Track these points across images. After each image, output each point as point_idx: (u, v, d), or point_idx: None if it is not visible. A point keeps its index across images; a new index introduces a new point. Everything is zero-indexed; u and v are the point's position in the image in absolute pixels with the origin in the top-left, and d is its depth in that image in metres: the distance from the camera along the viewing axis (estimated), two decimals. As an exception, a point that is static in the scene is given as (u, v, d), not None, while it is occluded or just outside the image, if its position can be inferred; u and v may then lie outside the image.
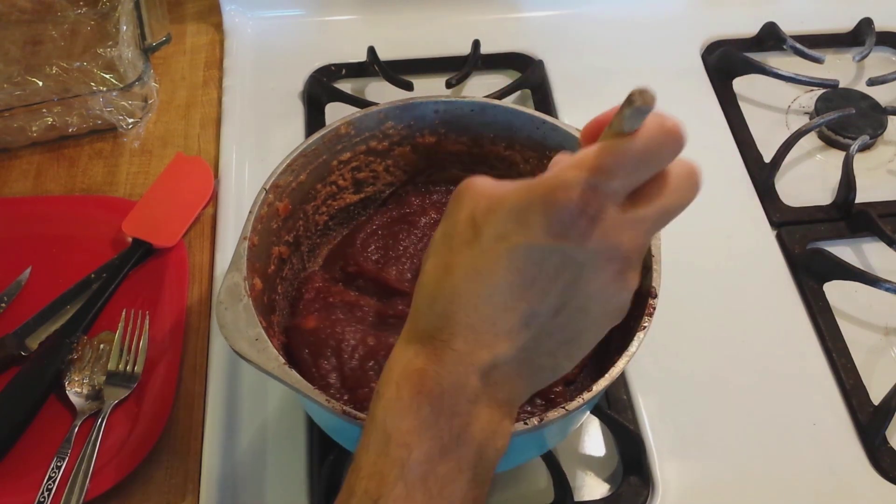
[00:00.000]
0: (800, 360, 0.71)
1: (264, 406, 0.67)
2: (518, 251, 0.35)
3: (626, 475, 0.64)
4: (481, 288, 0.36)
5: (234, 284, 0.53)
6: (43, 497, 0.60)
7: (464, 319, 0.36)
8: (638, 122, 0.35)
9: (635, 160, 0.35)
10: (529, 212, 0.35)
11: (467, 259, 0.36)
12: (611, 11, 0.99)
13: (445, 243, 0.38)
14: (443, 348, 0.36)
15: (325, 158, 0.64)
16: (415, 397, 0.36)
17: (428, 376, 0.36)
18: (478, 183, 0.38)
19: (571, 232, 0.34)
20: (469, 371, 0.36)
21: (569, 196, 0.34)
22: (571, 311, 0.37)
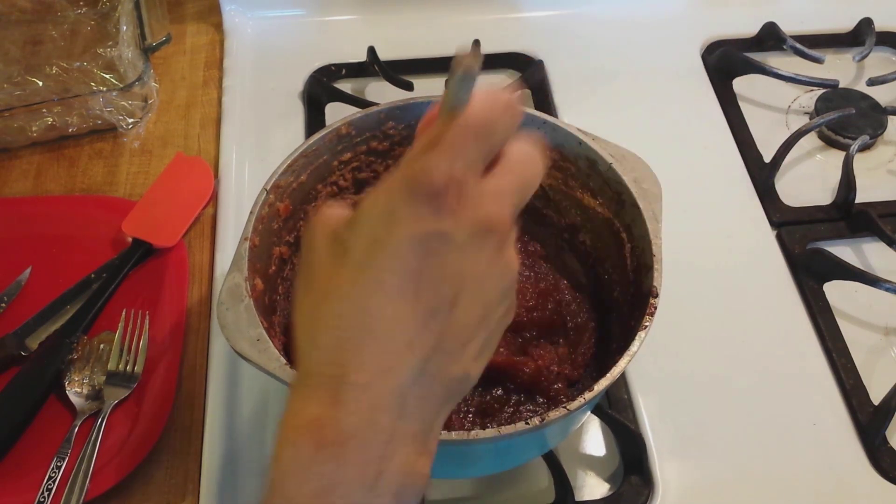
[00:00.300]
0: (800, 360, 0.71)
1: (264, 406, 0.67)
2: (396, 247, 0.32)
3: (626, 475, 0.64)
4: (369, 300, 0.32)
5: (236, 285, 0.53)
6: (43, 497, 0.60)
7: (357, 344, 0.32)
8: (467, 91, 0.34)
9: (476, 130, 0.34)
10: (394, 205, 0.33)
11: (343, 277, 0.33)
12: (611, 11, 0.99)
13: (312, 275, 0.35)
14: (339, 386, 0.32)
15: (325, 159, 0.64)
16: (316, 453, 0.31)
17: (326, 424, 0.31)
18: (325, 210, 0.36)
19: (442, 211, 0.33)
20: (375, 405, 0.32)
21: (428, 178, 0.33)
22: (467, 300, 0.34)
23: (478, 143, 0.34)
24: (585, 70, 0.93)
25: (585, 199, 0.64)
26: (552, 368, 0.60)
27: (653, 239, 0.56)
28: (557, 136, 0.63)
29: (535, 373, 0.59)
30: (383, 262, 0.32)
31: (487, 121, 0.34)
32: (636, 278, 0.58)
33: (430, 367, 0.33)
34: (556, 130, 0.63)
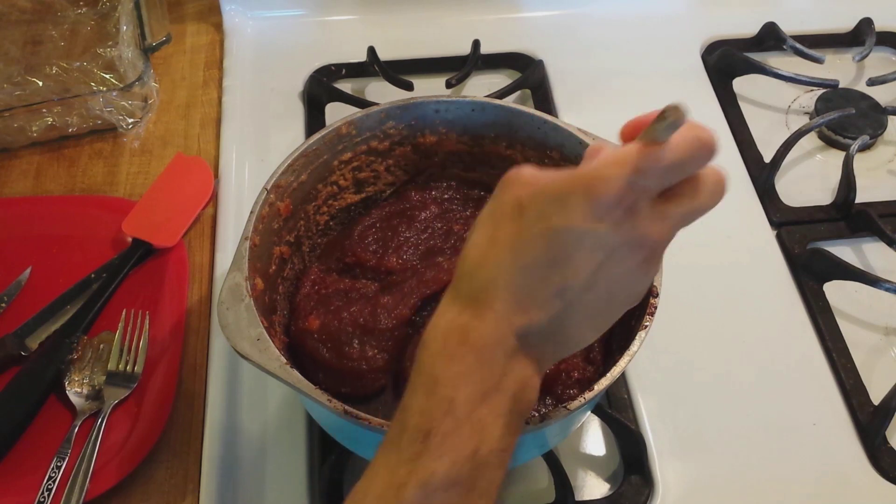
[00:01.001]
0: (800, 360, 0.71)
1: (264, 406, 0.67)
2: (558, 231, 0.39)
3: (626, 474, 0.64)
4: (522, 260, 0.39)
5: (236, 284, 0.53)
6: (43, 497, 0.60)
7: (504, 286, 0.40)
8: (670, 133, 0.38)
9: (668, 166, 0.39)
10: (571, 198, 0.38)
11: (512, 234, 0.40)
12: (611, 11, 0.99)
13: (491, 219, 0.41)
14: (485, 308, 0.40)
15: (326, 158, 0.64)
16: (459, 347, 0.39)
17: (472, 330, 0.40)
18: (525, 171, 0.41)
19: (607, 219, 0.38)
20: (507, 329, 0.40)
21: (608, 188, 0.38)
22: (600, 289, 0.40)
23: (663, 174, 0.39)
24: (585, 70, 0.93)
25: (586, 198, 0.64)
26: (572, 374, 0.60)
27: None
28: (558, 136, 0.63)
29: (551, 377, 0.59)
30: (543, 237, 0.39)
31: (680, 160, 0.39)
32: (636, 278, 0.58)
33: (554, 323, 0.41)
34: (557, 130, 0.63)
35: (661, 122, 0.38)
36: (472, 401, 0.39)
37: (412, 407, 0.40)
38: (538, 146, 0.65)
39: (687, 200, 0.41)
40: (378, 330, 0.59)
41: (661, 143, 0.38)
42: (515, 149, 0.66)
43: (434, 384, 0.39)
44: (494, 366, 0.39)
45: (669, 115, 0.37)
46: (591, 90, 0.91)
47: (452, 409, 0.38)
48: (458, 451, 0.38)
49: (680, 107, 0.37)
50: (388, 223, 0.67)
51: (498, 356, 0.40)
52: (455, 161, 0.69)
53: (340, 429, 0.58)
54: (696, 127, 0.39)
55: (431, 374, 0.40)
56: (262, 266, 0.58)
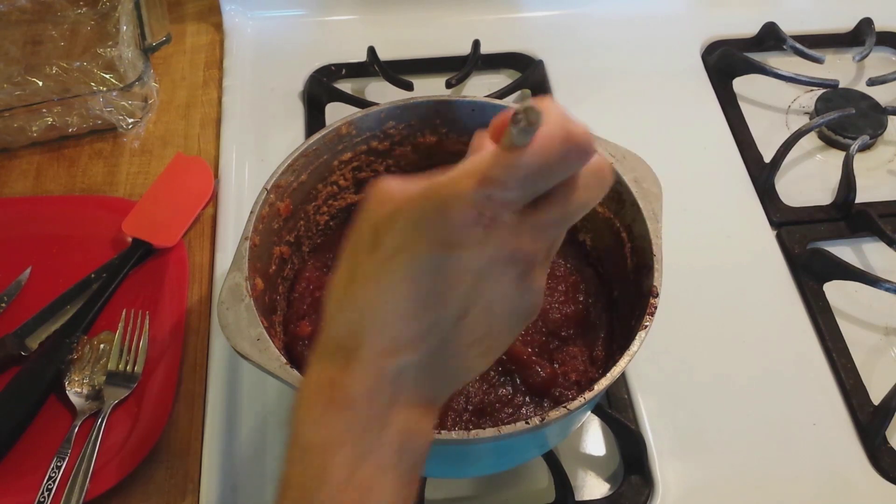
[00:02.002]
0: (800, 360, 0.71)
1: (264, 406, 0.67)
2: (415, 262, 0.35)
3: (626, 474, 0.64)
4: (382, 298, 0.36)
5: (236, 284, 0.53)
6: (43, 497, 0.60)
7: (368, 329, 0.36)
8: (528, 136, 0.33)
9: (529, 173, 0.34)
10: (425, 222, 0.34)
11: (369, 268, 0.36)
12: (611, 11, 0.99)
13: (352, 250, 0.38)
14: (350, 358, 0.36)
15: (326, 158, 0.64)
16: (327, 408, 0.36)
17: (338, 386, 0.36)
18: (383, 186, 0.37)
19: (466, 241, 0.34)
20: (378, 377, 0.36)
21: (462, 206, 0.34)
22: (476, 315, 0.37)
23: (524, 183, 0.34)
24: (585, 70, 0.93)
25: (586, 198, 0.64)
26: (570, 376, 0.60)
27: (653, 239, 0.56)
28: (557, 136, 0.63)
29: (548, 378, 0.59)
30: (400, 269, 0.35)
31: (546, 165, 0.34)
32: (636, 278, 0.58)
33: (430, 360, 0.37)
34: (557, 130, 0.63)
35: (515, 126, 0.33)
36: (349, 464, 0.35)
37: (289, 481, 0.37)
38: (538, 146, 0.65)
39: (558, 205, 0.36)
40: None
41: (520, 148, 0.33)
42: (515, 149, 0.66)
43: (305, 453, 0.36)
44: (371, 420, 0.36)
45: (521, 119, 0.32)
46: (591, 90, 0.91)
47: (327, 478, 0.35)
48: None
49: (534, 107, 0.32)
50: None
51: (373, 410, 0.36)
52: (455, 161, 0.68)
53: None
54: (564, 124, 0.34)
55: (301, 443, 0.37)
56: (262, 266, 0.58)
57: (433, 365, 0.37)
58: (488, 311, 0.37)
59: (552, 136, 0.33)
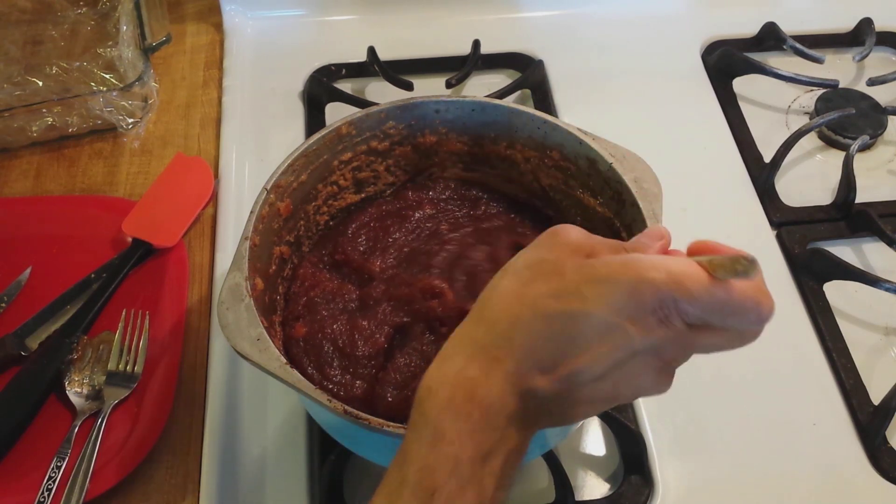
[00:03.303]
0: (800, 360, 0.71)
1: (264, 406, 0.67)
2: (591, 316, 0.38)
3: (626, 474, 0.64)
4: (546, 330, 0.39)
5: (236, 284, 0.53)
6: (43, 497, 0.60)
7: (521, 347, 0.39)
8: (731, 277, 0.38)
9: (718, 309, 0.39)
10: (614, 288, 0.38)
11: (542, 298, 0.39)
12: (611, 11, 0.99)
13: (526, 272, 0.41)
14: (495, 364, 0.39)
15: (326, 158, 0.64)
16: (466, 403, 0.39)
17: (480, 387, 0.39)
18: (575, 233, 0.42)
19: (640, 323, 0.38)
20: (513, 391, 0.39)
21: (653, 294, 0.38)
22: (609, 382, 0.40)
23: (707, 311, 0.39)
24: (585, 70, 0.93)
25: (585, 198, 0.64)
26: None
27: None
28: (558, 136, 0.63)
29: None
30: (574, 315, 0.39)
31: (732, 310, 0.39)
32: (636, 278, 0.58)
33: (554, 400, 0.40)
34: (557, 130, 0.63)
35: (732, 266, 0.38)
36: (476, 461, 0.38)
37: (415, 458, 0.39)
38: (538, 146, 0.65)
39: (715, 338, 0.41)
40: (355, 356, 0.58)
41: (721, 281, 0.38)
42: (515, 149, 0.66)
43: (439, 439, 0.38)
44: (496, 427, 0.39)
45: (742, 265, 0.37)
46: (591, 90, 0.91)
47: (458, 469, 0.38)
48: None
49: (756, 263, 0.37)
50: (382, 223, 0.67)
51: (500, 418, 0.39)
52: (455, 161, 0.69)
53: (340, 429, 0.58)
54: (762, 290, 0.39)
55: (437, 428, 0.39)
56: (262, 266, 0.58)
57: (553, 404, 0.40)
58: (618, 385, 0.40)
59: (753, 294, 0.39)
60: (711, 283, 0.38)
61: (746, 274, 0.37)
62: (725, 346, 0.41)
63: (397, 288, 0.61)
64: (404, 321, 0.59)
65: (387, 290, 0.61)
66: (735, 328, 0.40)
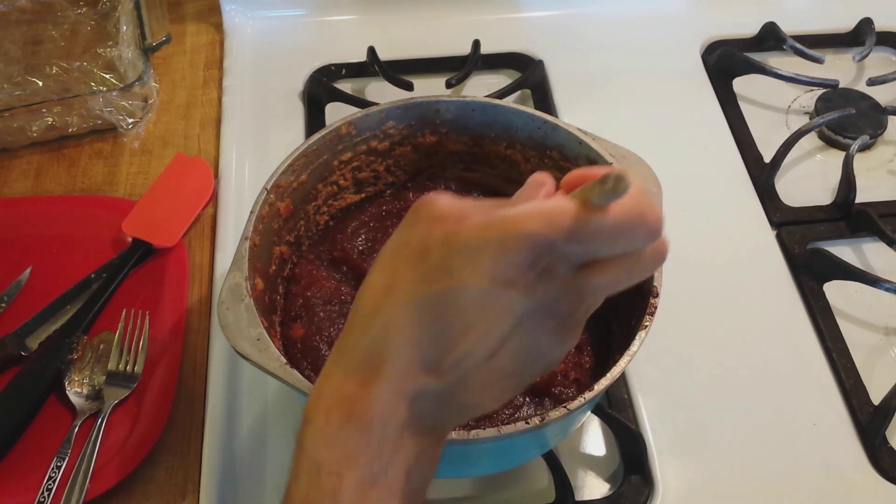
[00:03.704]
0: (800, 361, 0.71)
1: (264, 406, 0.67)
2: (462, 290, 0.34)
3: (626, 474, 0.64)
4: (420, 320, 0.35)
5: (236, 284, 0.53)
6: (43, 497, 0.60)
7: (397, 347, 0.35)
8: (609, 200, 0.34)
9: (601, 236, 0.34)
10: (481, 253, 0.34)
11: (410, 285, 0.35)
12: (611, 11, 0.99)
13: (392, 260, 0.37)
14: (373, 373, 0.36)
15: (326, 158, 0.64)
16: (344, 425, 0.36)
17: (358, 402, 0.36)
18: (439, 203, 0.36)
19: (518, 282, 0.34)
20: (398, 399, 0.36)
21: (525, 247, 0.34)
22: (504, 357, 0.36)
23: (592, 244, 0.35)
24: (585, 70, 0.93)
25: (586, 198, 0.64)
26: (569, 374, 0.60)
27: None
28: (557, 136, 0.63)
29: (548, 377, 0.59)
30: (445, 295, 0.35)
31: (615, 232, 0.34)
32: (636, 278, 0.58)
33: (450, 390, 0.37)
34: (557, 130, 0.63)
35: (601, 186, 0.33)
36: (361, 487, 0.35)
37: (295, 497, 0.36)
38: (538, 146, 0.65)
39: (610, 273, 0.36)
40: None
41: (597, 207, 0.34)
42: (515, 149, 0.66)
43: (316, 472, 0.35)
44: (384, 443, 0.36)
45: (610, 183, 0.33)
46: (591, 90, 0.91)
47: (339, 499, 0.35)
48: None
49: (626, 177, 0.33)
50: (382, 223, 0.67)
51: (388, 432, 0.36)
52: (455, 161, 0.69)
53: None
54: (642, 201, 0.34)
55: (314, 459, 0.36)
56: (262, 266, 0.58)
57: (451, 396, 0.37)
58: (516, 357, 0.37)
59: (632, 207, 0.34)
60: (584, 211, 0.34)
61: (619, 191, 0.33)
62: (625, 279, 0.37)
63: None
64: None
65: None
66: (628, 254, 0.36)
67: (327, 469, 0.35)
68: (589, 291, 0.36)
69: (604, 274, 0.36)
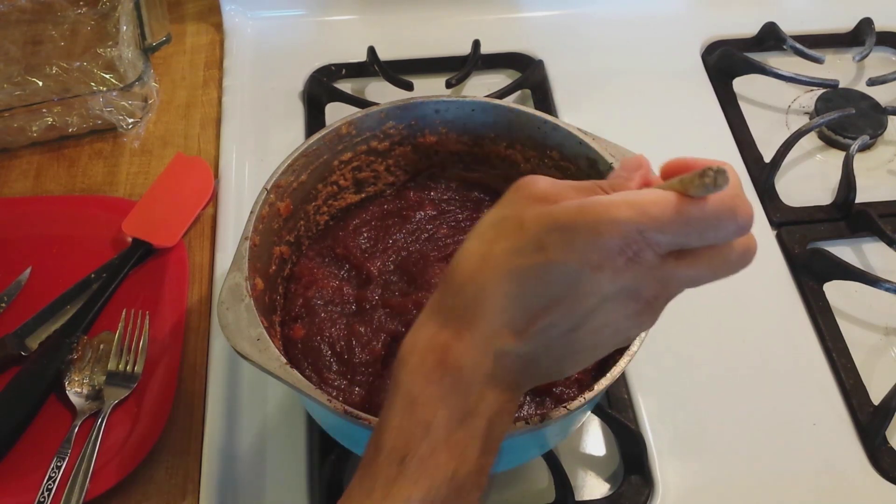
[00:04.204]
0: (800, 360, 0.71)
1: (264, 406, 0.67)
2: (555, 266, 0.37)
3: (626, 474, 0.64)
4: (513, 287, 0.38)
5: (236, 284, 0.53)
6: (43, 497, 0.60)
7: (490, 308, 0.38)
8: (706, 193, 0.35)
9: (691, 228, 0.36)
10: (575, 234, 0.36)
11: (506, 256, 0.38)
12: (611, 11, 0.99)
13: (491, 231, 0.40)
14: (465, 328, 0.39)
15: (326, 158, 0.64)
16: (437, 368, 0.39)
17: (451, 350, 0.39)
18: (539, 184, 0.39)
19: (607, 266, 0.36)
20: (486, 353, 0.39)
21: (616, 233, 0.36)
22: (585, 331, 0.39)
23: (681, 234, 0.36)
24: (585, 70, 0.93)
25: (585, 198, 0.64)
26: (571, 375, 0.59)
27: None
28: (558, 136, 0.63)
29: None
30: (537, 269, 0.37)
31: (708, 226, 0.36)
32: (636, 278, 0.58)
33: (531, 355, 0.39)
34: (557, 130, 0.63)
35: (701, 180, 0.35)
36: (450, 424, 0.38)
37: (388, 426, 0.39)
38: (538, 146, 0.65)
39: (698, 266, 0.38)
40: (353, 362, 0.58)
41: (692, 199, 0.35)
42: (515, 149, 0.66)
43: (411, 404, 0.38)
44: (471, 389, 0.39)
45: (710, 177, 0.34)
46: (591, 90, 0.91)
47: (430, 432, 0.38)
48: (434, 476, 0.37)
49: (727, 171, 0.34)
50: (383, 222, 0.67)
51: (475, 380, 0.39)
52: (455, 161, 0.69)
53: (340, 429, 0.58)
54: (737, 197, 0.36)
55: (409, 394, 0.39)
56: (262, 266, 0.58)
57: (531, 359, 0.39)
58: (596, 333, 0.39)
59: (726, 203, 0.36)
60: (678, 202, 0.36)
61: (718, 185, 0.34)
62: (710, 274, 0.38)
63: (392, 297, 0.61)
64: (400, 330, 0.59)
65: (382, 296, 0.61)
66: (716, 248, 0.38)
67: (421, 403, 0.38)
68: (674, 281, 0.38)
69: (690, 265, 0.38)
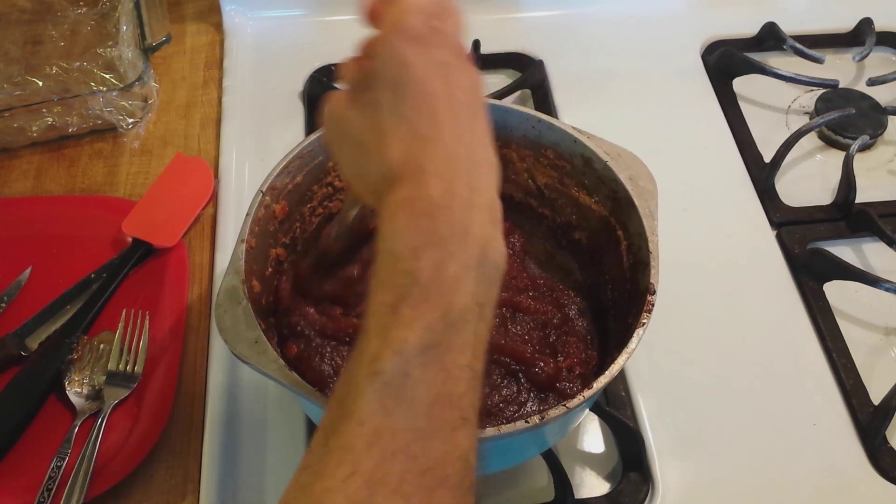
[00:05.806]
0: (800, 360, 0.71)
1: (264, 406, 0.67)
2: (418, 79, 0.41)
3: (625, 472, 0.64)
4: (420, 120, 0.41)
5: (233, 287, 0.53)
6: (43, 497, 0.60)
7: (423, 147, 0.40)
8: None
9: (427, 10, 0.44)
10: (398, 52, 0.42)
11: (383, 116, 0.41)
12: (611, 11, 0.99)
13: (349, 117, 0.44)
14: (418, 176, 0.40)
15: (321, 160, 0.63)
16: (410, 218, 0.39)
17: (416, 200, 0.39)
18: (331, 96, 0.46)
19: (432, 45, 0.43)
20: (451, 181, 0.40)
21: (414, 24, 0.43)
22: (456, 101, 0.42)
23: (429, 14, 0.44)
24: (585, 70, 0.93)
25: (581, 196, 0.64)
26: (575, 370, 0.60)
27: (649, 236, 0.56)
28: (553, 135, 0.63)
29: (552, 373, 0.58)
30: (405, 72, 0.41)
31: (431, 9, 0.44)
32: (633, 276, 0.58)
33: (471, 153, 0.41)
34: (552, 129, 0.63)
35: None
36: (436, 265, 0.38)
37: (378, 293, 0.39)
38: (533, 145, 0.65)
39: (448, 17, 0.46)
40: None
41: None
42: (510, 148, 0.66)
43: (394, 262, 0.39)
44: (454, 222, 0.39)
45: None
46: (591, 90, 0.91)
47: (416, 279, 0.38)
48: (427, 316, 0.37)
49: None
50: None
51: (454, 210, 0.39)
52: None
53: (339, 429, 0.58)
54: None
55: (392, 251, 0.39)
56: (258, 268, 0.58)
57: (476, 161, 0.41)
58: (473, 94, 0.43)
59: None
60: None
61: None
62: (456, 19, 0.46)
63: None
64: None
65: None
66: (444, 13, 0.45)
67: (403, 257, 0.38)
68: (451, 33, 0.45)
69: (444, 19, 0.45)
